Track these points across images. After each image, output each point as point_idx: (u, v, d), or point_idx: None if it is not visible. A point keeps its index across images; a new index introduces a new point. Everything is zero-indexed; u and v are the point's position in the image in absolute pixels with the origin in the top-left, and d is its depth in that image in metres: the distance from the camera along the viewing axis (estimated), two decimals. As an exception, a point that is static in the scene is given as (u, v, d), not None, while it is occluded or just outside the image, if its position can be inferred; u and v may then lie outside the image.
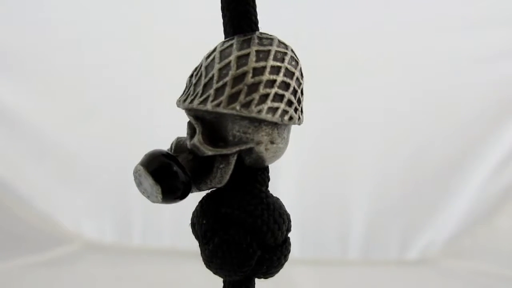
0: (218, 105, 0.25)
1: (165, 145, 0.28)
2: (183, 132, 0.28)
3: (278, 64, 0.25)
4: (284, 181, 0.93)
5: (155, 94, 0.94)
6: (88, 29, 0.95)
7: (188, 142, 0.26)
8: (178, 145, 0.27)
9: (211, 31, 0.28)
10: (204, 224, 0.27)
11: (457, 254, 0.96)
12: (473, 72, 0.96)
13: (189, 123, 0.27)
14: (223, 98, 0.25)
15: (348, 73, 0.94)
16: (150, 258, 0.93)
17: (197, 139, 0.25)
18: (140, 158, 0.26)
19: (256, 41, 0.25)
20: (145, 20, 0.94)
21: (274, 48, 0.25)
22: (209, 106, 0.25)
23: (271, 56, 0.25)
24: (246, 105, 0.25)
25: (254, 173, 0.28)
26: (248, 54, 0.25)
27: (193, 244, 0.29)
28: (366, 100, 0.96)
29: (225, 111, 0.25)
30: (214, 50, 0.26)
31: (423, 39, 0.94)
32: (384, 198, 0.98)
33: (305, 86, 0.27)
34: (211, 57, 0.26)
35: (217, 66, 0.25)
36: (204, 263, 0.28)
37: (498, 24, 0.94)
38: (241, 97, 0.24)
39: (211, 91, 0.25)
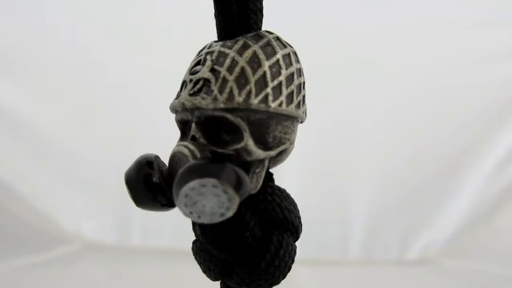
0: (280, 105, 0.23)
1: (165, 145, 0.27)
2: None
3: (301, 66, 0.25)
4: (285, 181, 0.93)
5: (155, 94, 0.94)
6: (88, 30, 0.95)
7: (211, 147, 0.23)
8: (201, 149, 0.23)
9: (211, 31, 0.28)
10: (247, 237, 0.24)
11: (457, 254, 0.96)
12: (474, 72, 0.96)
13: (199, 125, 0.23)
14: (282, 98, 0.23)
15: (349, 73, 0.94)
16: (150, 258, 0.93)
17: (247, 143, 0.22)
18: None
19: (284, 41, 0.25)
20: (145, 20, 0.94)
21: (295, 50, 0.25)
22: (272, 106, 0.22)
23: (299, 58, 0.25)
24: (298, 105, 0.24)
25: (269, 174, 0.26)
26: (288, 55, 0.24)
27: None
28: (366, 100, 0.96)
29: (283, 111, 0.23)
30: (247, 46, 0.23)
31: (423, 39, 0.94)
32: (384, 198, 0.98)
33: (306, 86, 0.28)
34: (248, 52, 0.23)
35: (265, 63, 0.23)
36: (246, 283, 0.24)
37: (498, 24, 0.94)
38: (295, 97, 0.24)
39: (269, 90, 0.23)
